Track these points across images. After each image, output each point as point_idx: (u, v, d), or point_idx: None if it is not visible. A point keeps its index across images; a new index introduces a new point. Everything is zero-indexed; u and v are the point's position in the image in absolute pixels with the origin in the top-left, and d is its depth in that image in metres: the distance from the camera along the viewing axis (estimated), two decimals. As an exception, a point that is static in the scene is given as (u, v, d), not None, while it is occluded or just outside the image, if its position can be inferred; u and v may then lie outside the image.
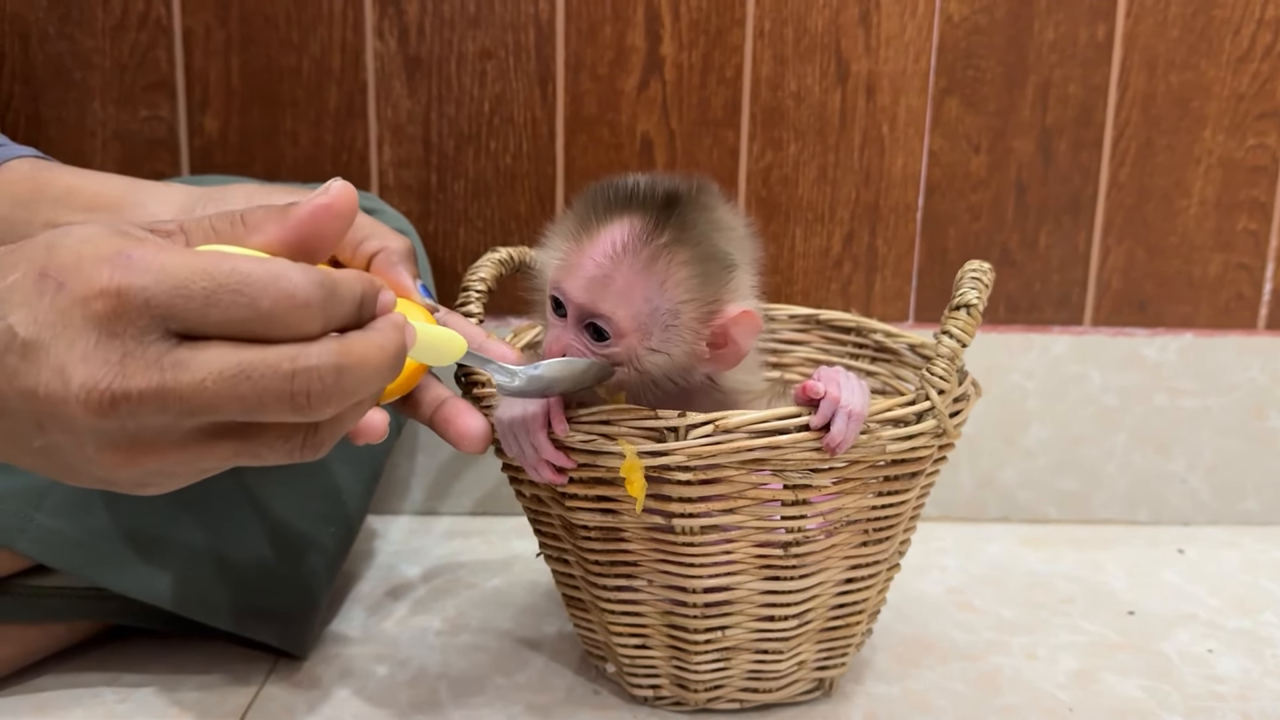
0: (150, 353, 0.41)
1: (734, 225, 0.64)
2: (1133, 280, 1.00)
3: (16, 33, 0.96)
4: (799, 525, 0.63)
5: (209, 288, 0.40)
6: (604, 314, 0.60)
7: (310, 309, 0.41)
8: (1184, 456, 1.02)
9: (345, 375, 0.42)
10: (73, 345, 0.40)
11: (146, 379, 0.40)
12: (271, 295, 0.41)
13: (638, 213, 0.60)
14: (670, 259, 0.59)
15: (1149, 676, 0.77)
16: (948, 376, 0.62)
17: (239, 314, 0.41)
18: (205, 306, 0.40)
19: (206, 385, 0.41)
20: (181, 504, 0.72)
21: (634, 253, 0.59)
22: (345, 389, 0.42)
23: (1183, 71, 0.97)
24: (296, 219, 0.46)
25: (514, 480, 0.69)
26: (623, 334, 0.60)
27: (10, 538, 0.67)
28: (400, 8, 0.95)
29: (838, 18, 0.96)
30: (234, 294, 0.41)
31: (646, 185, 0.61)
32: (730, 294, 0.61)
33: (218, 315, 0.41)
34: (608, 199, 0.61)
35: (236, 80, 0.96)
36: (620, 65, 0.96)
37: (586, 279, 0.60)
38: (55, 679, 0.74)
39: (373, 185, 0.98)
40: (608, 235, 0.60)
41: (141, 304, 0.40)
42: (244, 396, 0.41)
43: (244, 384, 0.41)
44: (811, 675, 0.72)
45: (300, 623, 0.76)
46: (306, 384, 0.41)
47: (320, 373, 0.41)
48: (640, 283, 0.59)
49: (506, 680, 0.75)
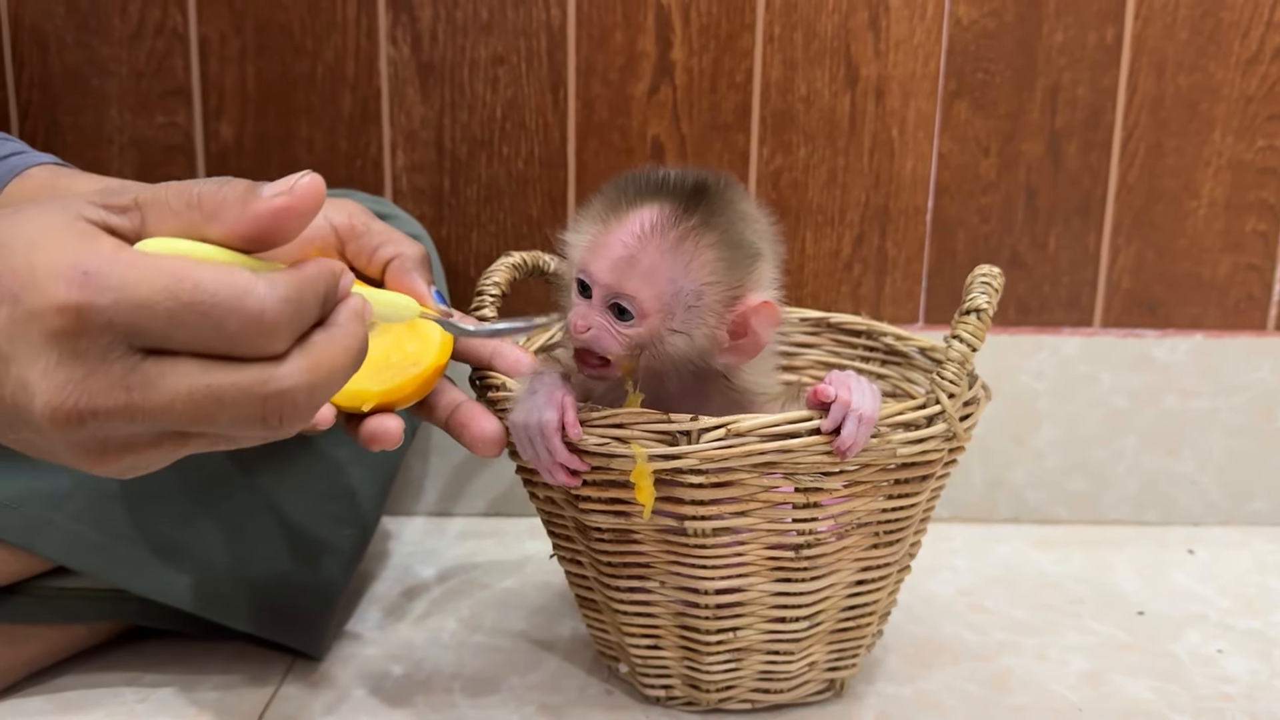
0: (115, 370, 0.40)
1: (758, 219, 0.65)
2: (1142, 282, 1.01)
3: (35, 41, 0.97)
4: (810, 528, 0.64)
5: (172, 308, 0.39)
6: (629, 294, 0.61)
7: (278, 329, 0.41)
8: (1194, 457, 1.02)
9: (317, 392, 0.42)
10: (34, 361, 0.39)
11: (113, 398, 0.40)
12: (238, 316, 0.40)
13: (667, 198, 0.61)
14: (697, 241, 0.60)
15: (1158, 677, 0.78)
16: (958, 380, 0.63)
17: (205, 335, 0.40)
18: (169, 327, 0.40)
19: (175, 406, 0.40)
20: (200, 507, 0.73)
21: (661, 234, 0.60)
22: (317, 403, 0.43)
23: (1191, 74, 0.97)
24: (255, 215, 0.44)
25: (528, 483, 0.70)
26: (646, 314, 0.61)
27: (31, 540, 0.68)
28: (413, 14, 0.96)
29: (847, 22, 0.96)
30: (199, 315, 0.40)
31: (676, 175, 0.62)
32: (753, 283, 0.62)
33: (183, 335, 0.40)
34: (638, 185, 0.62)
35: (252, 87, 0.97)
36: (631, 70, 0.97)
37: (613, 259, 0.61)
38: (76, 679, 0.75)
39: (386, 190, 0.99)
40: (636, 218, 0.61)
41: (104, 324, 0.39)
42: (214, 418, 0.41)
43: (214, 406, 0.40)
44: (823, 676, 0.72)
45: (316, 623, 0.77)
46: (279, 407, 0.41)
47: (293, 395, 0.41)
48: (666, 263, 0.60)
49: (520, 680, 0.76)
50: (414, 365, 0.61)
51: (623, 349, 0.62)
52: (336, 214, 0.64)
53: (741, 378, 0.66)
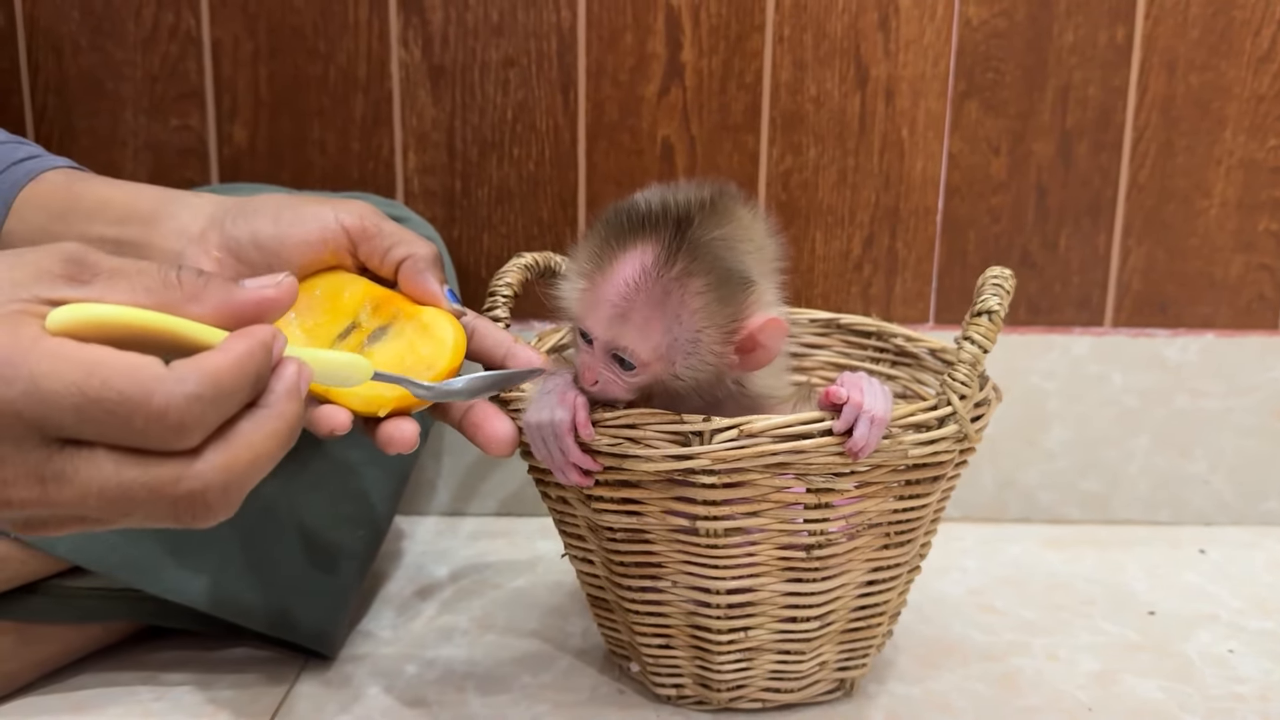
0: (30, 461, 0.40)
1: (752, 234, 0.64)
2: (1153, 281, 1.01)
3: (50, 45, 0.97)
4: (821, 528, 0.64)
5: (79, 404, 0.39)
6: (625, 348, 0.61)
7: (184, 427, 0.40)
8: (1205, 457, 1.02)
9: (232, 489, 0.42)
10: None
11: (28, 490, 0.40)
12: (143, 415, 0.39)
13: (649, 242, 0.60)
14: (683, 290, 0.60)
15: (1169, 677, 0.78)
16: (969, 382, 0.63)
17: (113, 431, 0.40)
18: (78, 422, 0.39)
19: (88, 501, 0.40)
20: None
21: (647, 289, 0.60)
22: (234, 498, 0.42)
23: (1203, 73, 0.97)
24: (239, 303, 0.44)
25: (540, 482, 0.70)
26: (646, 364, 0.61)
27: (48, 541, 0.69)
28: (425, 17, 0.96)
29: (857, 22, 0.96)
30: (106, 412, 0.39)
31: (658, 208, 0.61)
32: (750, 308, 0.62)
33: (92, 430, 0.40)
34: (620, 227, 0.61)
35: (265, 90, 0.98)
36: (641, 72, 0.97)
37: (606, 317, 0.61)
38: (92, 678, 0.75)
39: (398, 192, 0.99)
40: (621, 269, 0.60)
41: (13, 415, 0.39)
42: (129, 515, 0.41)
43: (126, 504, 0.40)
44: (833, 676, 0.72)
45: (330, 623, 0.77)
46: (190, 507, 0.41)
47: (204, 495, 0.41)
48: (657, 316, 0.60)
49: (532, 679, 0.76)
50: (429, 369, 0.61)
51: (631, 394, 0.63)
52: (348, 215, 0.64)
53: (753, 382, 0.66)
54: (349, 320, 0.62)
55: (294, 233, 0.63)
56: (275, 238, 0.63)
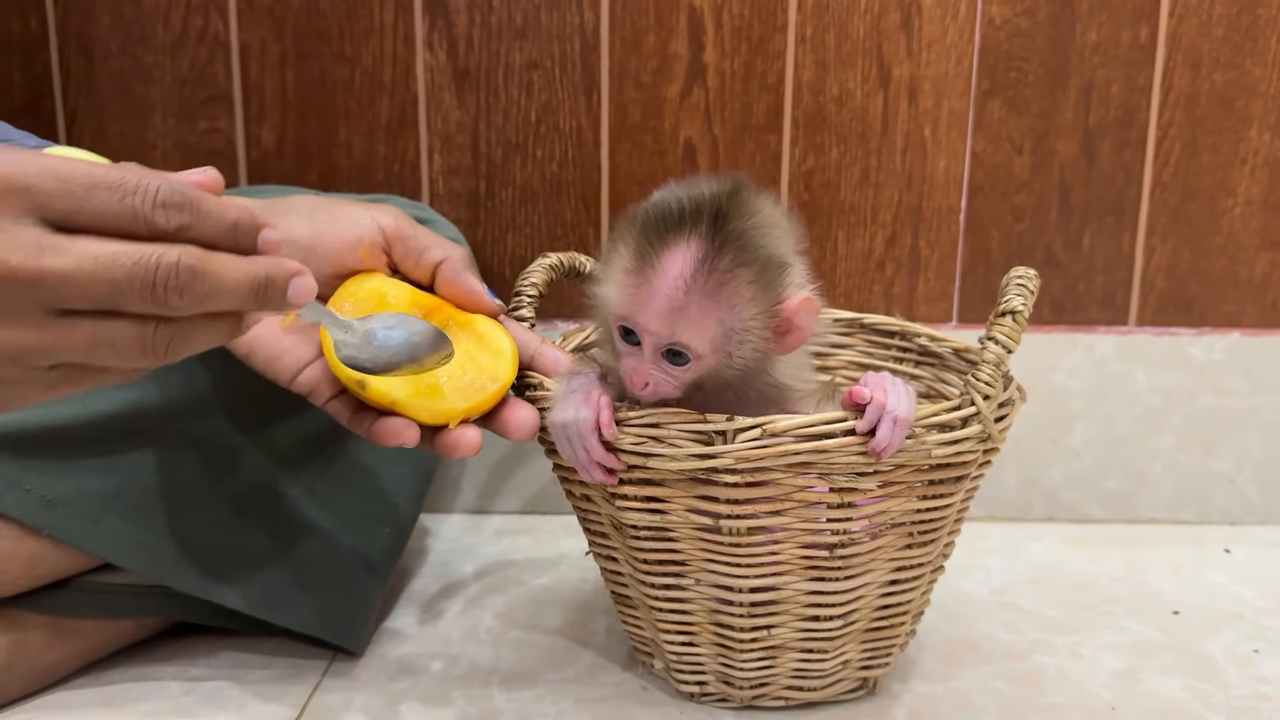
0: (28, 234, 0.43)
1: (777, 220, 0.65)
2: (1178, 280, 1.00)
3: (81, 49, 0.99)
4: (844, 527, 0.65)
5: (87, 183, 0.44)
6: (683, 342, 0.62)
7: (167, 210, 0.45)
8: (1230, 456, 1.02)
9: (198, 277, 0.45)
10: None
11: (24, 256, 0.43)
12: (139, 196, 0.44)
13: (694, 237, 0.61)
14: (736, 281, 0.61)
15: (1193, 676, 0.77)
16: (993, 382, 0.63)
17: (112, 207, 0.44)
18: (83, 199, 0.44)
19: (82, 267, 0.44)
20: (242, 507, 0.75)
21: (703, 281, 0.61)
22: (197, 290, 0.45)
23: (1227, 71, 0.97)
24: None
25: (565, 480, 0.71)
26: (701, 356, 0.62)
27: (81, 538, 0.70)
28: (449, 21, 0.97)
29: (879, 23, 0.96)
30: (109, 189, 0.44)
31: (692, 204, 0.62)
32: (789, 289, 0.63)
33: (92, 207, 0.44)
34: (660, 225, 0.62)
35: (292, 93, 0.99)
36: (664, 73, 0.97)
37: (661, 312, 0.61)
38: (123, 672, 0.76)
39: (423, 194, 1.00)
40: (671, 265, 0.61)
41: (24, 187, 0.43)
42: (115, 280, 0.44)
43: (115, 268, 0.44)
44: (856, 674, 0.73)
45: (356, 620, 0.78)
46: (166, 276, 0.44)
47: (179, 269, 0.44)
48: (713, 308, 0.61)
49: (556, 675, 0.77)
50: (493, 381, 0.63)
51: (682, 391, 0.64)
52: (384, 216, 0.65)
53: (778, 373, 0.67)
54: None
55: (329, 232, 0.64)
56: (310, 236, 0.64)
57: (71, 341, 0.45)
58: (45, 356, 0.46)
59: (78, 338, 0.45)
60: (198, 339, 0.48)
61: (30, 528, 0.69)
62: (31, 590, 0.72)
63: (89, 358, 0.46)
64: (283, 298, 0.49)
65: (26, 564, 0.71)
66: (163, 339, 0.46)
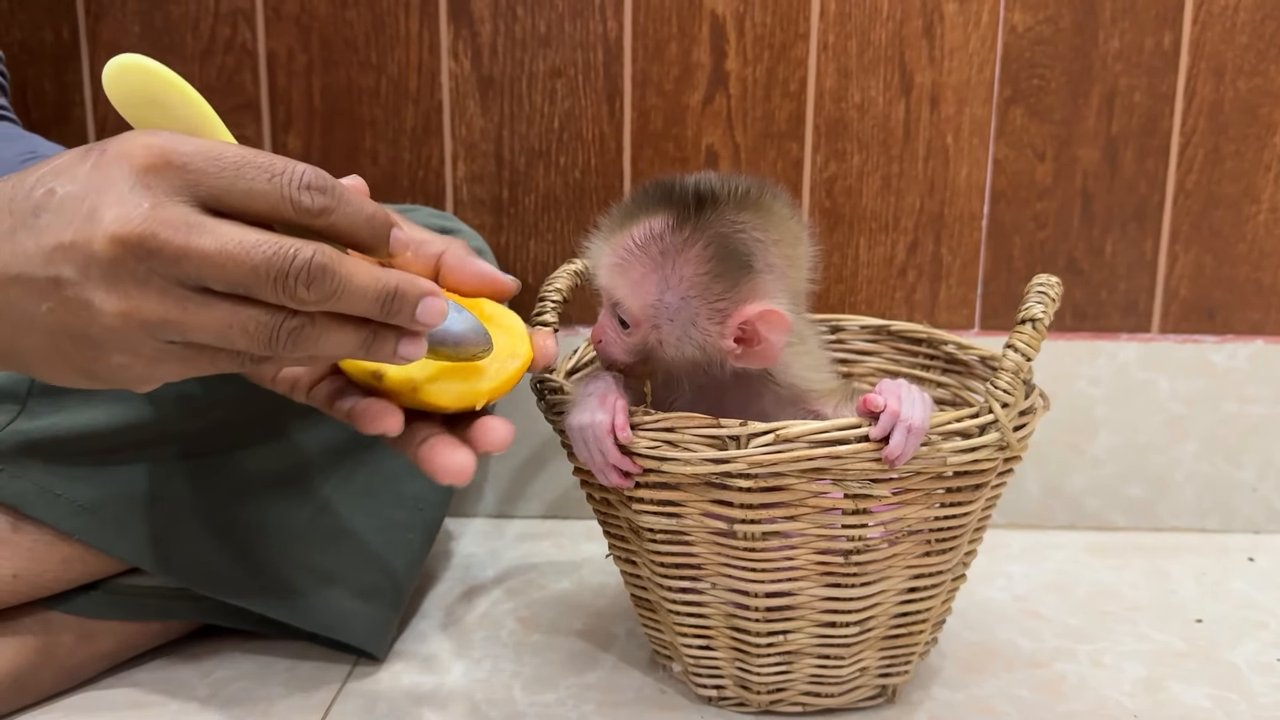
0: (179, 210, 0.46)
1: (782, 232, 0.65)
2: (1201, 287, 1.00)
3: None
4: (860, 534, 0.65)
5: (239, 162, 0.46)
6: (619, 301, 0.64)
7: (311, 191, 0.47)
8: (1254, 464, 1.01)
9: (328, 274, 0.47)
10: (107, 191, 0.45)
11: (173, 231, 0.45)
12: (287, 176, 0.47)
13: (666, 211, 0.63)
14: (680, 255, 0.63)
15: (1216, 685, 0.77)
16: (1012, 390, 0.63)
17: (261, 186, 0.47)
18: (235, 177, 0.46)
19: (225, 248, 0.46)
20: (268, 513, 0.76)
21: (650, 247, 0.63)
22: (325, 286, 0.47)
23: (1251, 77, 0.96)
24: None
25: (585, 484, 0.71)
26: (636, 323, 0.64)
27: (110, 543, 0.71)
28: (474, 29, 0.98)
29: (901, 30, 0.97)
30: (258, 170, 0.47)
31: (688, 184, 0.64)
32: (748, 294, 0.63)
33: (243, 185, 0.46)
34: (647, 195, 0.64)
35: (318, 101, 1.00)
36: (686, 81, 0.98)
37: (607, 267, 0.64)
38: (150, 674, 0.77)
39: (447, 201, 1.01)
40: (637, 228, 0.64)
41: (180, 165, 0.46)
42: (254, 265, 0.46)
43: (255, 253, 0.46)
44: (874, 682, 0.73)
45: (380, 624, 0.79)
46: (300, 268, 0.47)
47: (311, 263, 0.47)
48: (652, 275, 0.63)
49: (577, 679, 0.77)
50: (513, 358, 0.60)
51: (627, 356, 0.66)
52: None
53: (788, 375, 0.67)
54: None
55: None
56: None
57: (204, 320, 0.47)
58: (178, 331, 0.47)
59: (211, 317, 0.47)
60: (322, 340, 0.49)
61: (62, 532, 0.71)
62: (61, 592, 0.73)
63: (218, 339, 0.48)
64: (411, 313, 0.51)
65: (60, 567, 0.72)
66: (288, 331, 0.48)
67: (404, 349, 0.52)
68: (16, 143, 0.79)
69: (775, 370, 0.67)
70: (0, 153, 0.77)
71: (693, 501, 0.65)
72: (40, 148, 0.79)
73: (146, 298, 0.46)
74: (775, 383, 0.67)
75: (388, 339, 0.51)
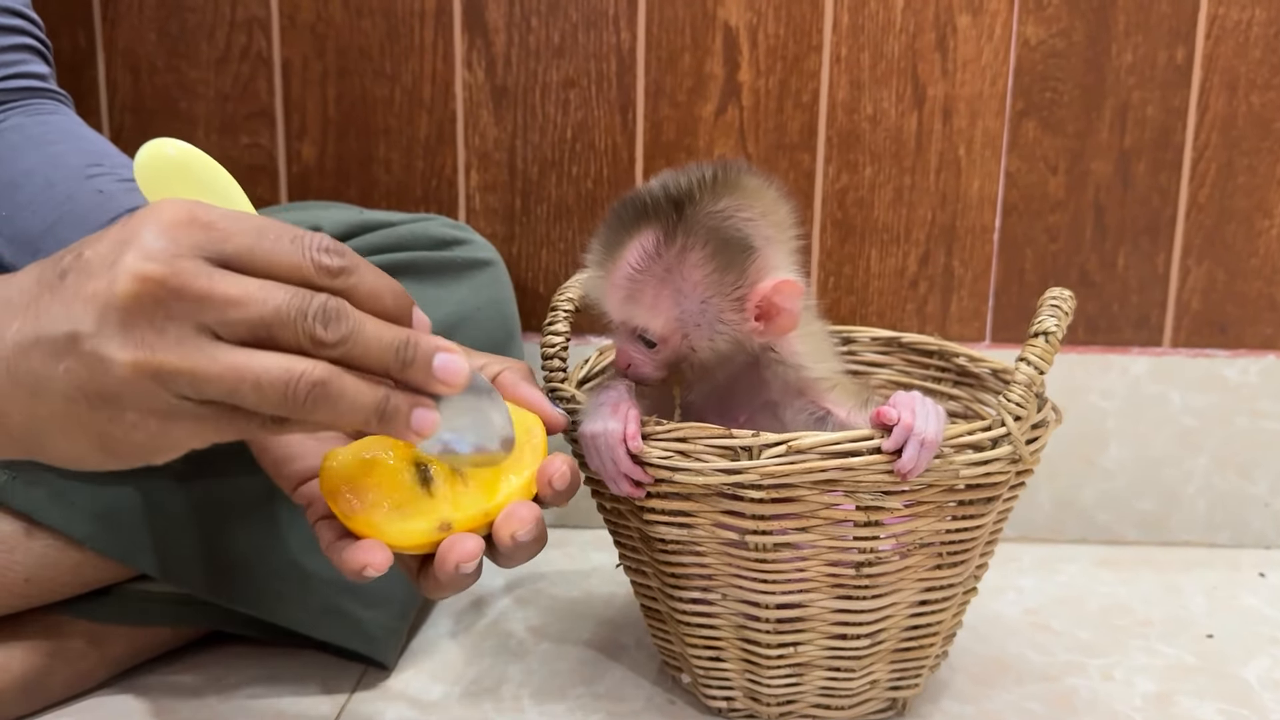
0: (201, 262, 0.47)
1: (759, 202, 0.65)
2: (1213, 302, 1.00)
3: (127, 66, 1.01)
4: (871, 546, 0.65)
5: (261, 225, 0.48)
6: (641, 327, 0.64)
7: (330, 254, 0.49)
8: (1266, 479, 1.01)
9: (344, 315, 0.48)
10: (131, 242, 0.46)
11: (195, 275, 0.46)
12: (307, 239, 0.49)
13: (650, 226, 0.63)
14: (683, 263, 0.63)
15: (1227, 700, 0.77)
16: (1024, 403, 0.63)
17: (284, 245, 0.48)
18: (256, 240, 0.48)
19: (249, 290, 0.47)
20: (278, 522, 0.76)
21: (651, 267, 0.63)
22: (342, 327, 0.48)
23: (1265, 92, 0.96)
24: None
25: (596, 494, 0.72)
26: (664, 339, 0.64)
27: (123, 552, 0.72)
28: (488, 40, 0.98)
29: (914, 43, 0.97)
30: (280, 230, 0.48)
31: (658, 193, 0.64)
32: (757, 273, 0.64)
33: (266, 244, 0.48)
34: (623, 218, 0.64)
35: (332, 109, 1.01)
36: (699, 92, 0.98)
37: (618, 299, 0.65)
38: (159, 679, 0.78)
39: (460, 210, 1.01)
40: (627, 254, 0.64)
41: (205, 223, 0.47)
42: (277, 304, 0.47)
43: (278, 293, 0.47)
44: (885, 694, 0.73)
45: (389, 632, 0.79)
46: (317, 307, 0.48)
47: (327, 305, 0.48)
48: (665, 292, 0.63)
49: (586, 689, 0.77)
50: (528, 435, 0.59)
51: (660, 371, 0.66)
52: None
53: (793, 354, 0.67)
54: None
55: None
56: None
57: (220, 370, 0.47)
58: (191, 384, 0.47)
59: (226, 366, 0.47)
60: (339, 396, 0.48)
61: (74, 539, 0.71)
62: (73, 597, 0.74)
63: (232, 393, 0.47)
64: (428, 370, 0.50)
65: (72, 572, 0.72)
66: (306, 384, 0.47)
67: (417, 420, 0.51)
68: (85, 144, 0.77)
69: (780, 351, 0.67)
70: (68, 158, 0.74)
71: (704, 512, 0.65)
72: (110, 156, 0.76)
73: (163, 345, 0.46)
74: (781, 363, 0.67)
75: (401, 407, 0.50)
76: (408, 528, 0.56)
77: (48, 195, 0.71)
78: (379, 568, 0.56)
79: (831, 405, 0.67)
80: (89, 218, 0.70)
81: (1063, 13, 0.96)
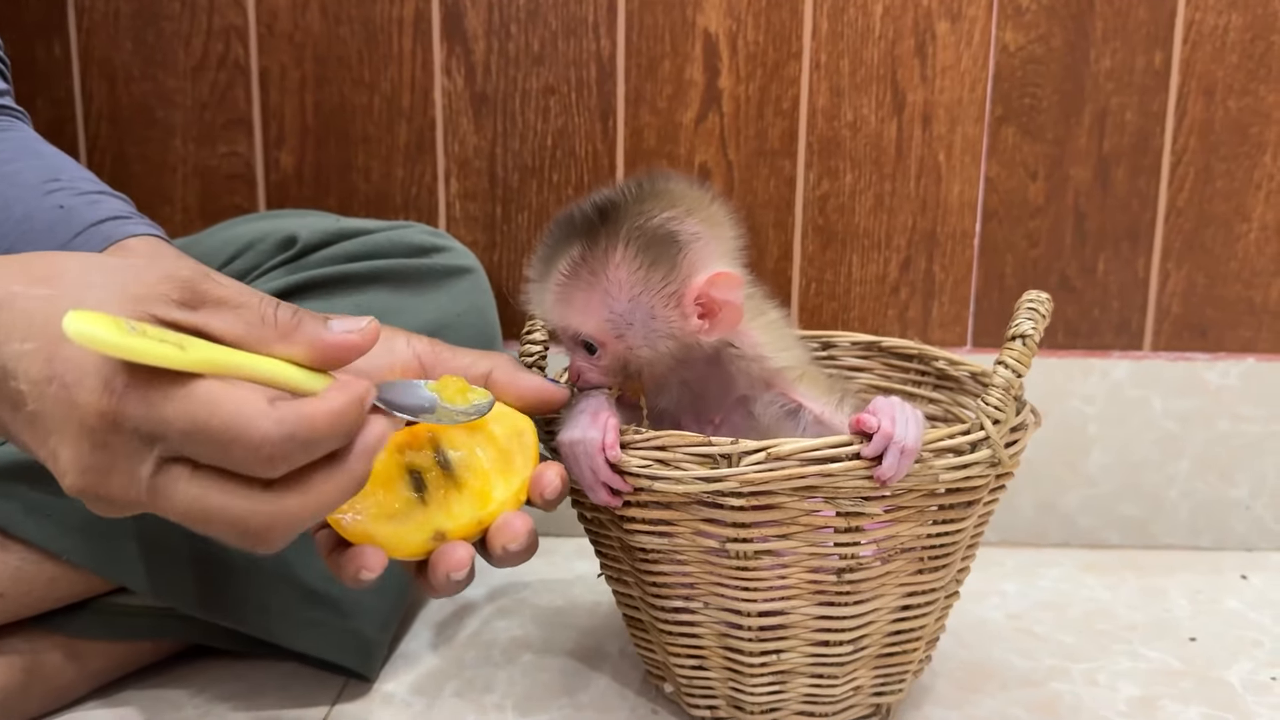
0: (137, 472, 0.47)
1: (686, 202, 0.66)
2: (1193, 305, 1.00)
3: (103, 75, 1.00)
4: (852, 552, 0.65)
5: (188, 429, 0.46)
6: (576, 330, 0.65)
7: (274, 461, 0.47)
8: (1247, 482, 1.01)
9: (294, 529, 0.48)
10: (64, 443, 0.47)
11: (127, 493, 0.47)
12: (242, 446, 0.46)
13: (578, 235, 0.64)
14: (609, 264, 0.63)
15: (1211, 705, 0.77)
16: (1003, 406, 0.63)
17: (213, 453, 0.46)
18: (184, 443, 0.46)
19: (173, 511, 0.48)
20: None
21: (578, 272, 0.64)
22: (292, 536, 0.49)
23: (1242, 97, 0.97)
24: (326, 344, 0.51)
25: (577, 503, 0.71)
26: (604, 343, 0.65)
27: (101, 564, 0.71)
28: (467, 47, 0.98)
29: (894, 49, 0.97)
30: (209, 439, 0.46)
31: (587, 207, 0.65)
32: (689, 268, 0.64)
33: (192, 449, 0.47)
34: (557, 233, 0.66)
35: (311, 118, 1.00)
36: (679, 99, 0.98)
37: (550, 304, 0.65)
38: (138, 694, 0.77)
39: (440, 218, 1.01)
40: (558, 266, 0.65)
41: (131, 430, 0.46)
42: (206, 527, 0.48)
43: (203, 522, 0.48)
44: (869, 701, 0.72)
45: (371, 644, 0.78)
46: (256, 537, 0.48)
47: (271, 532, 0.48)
48: (594, 295, 0.64)
49: (569, 699, 0.77)
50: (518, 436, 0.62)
51: (609, 377, 0.66)
52: (419, 343, 0.63)
53: (753, 346, 0.67)
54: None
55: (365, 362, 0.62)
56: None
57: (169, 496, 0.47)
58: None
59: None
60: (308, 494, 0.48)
61: (49, 552, 0.70)
62: (49, 611, 0.73)
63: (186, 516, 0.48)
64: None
65: (47, 586, 0.71)
66: (250, 544, 0.49)
67: None
68: (41, 160, 0.75)
69: (739, 344, 0.67)
70: (23, 175, 0.72)
71: (684, 520, 0.64)
72: (67, 170, 0.74)
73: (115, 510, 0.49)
74: (743, 357, 0.67)
75: None
76: (402, 537, 0.58)
77: (4, 216, 0.70)
78: (374, 570, 0.57)
79: (802, 398, 0.67)
80: (51, 233, 0.69)
81: (1041, 19, 0.96)
